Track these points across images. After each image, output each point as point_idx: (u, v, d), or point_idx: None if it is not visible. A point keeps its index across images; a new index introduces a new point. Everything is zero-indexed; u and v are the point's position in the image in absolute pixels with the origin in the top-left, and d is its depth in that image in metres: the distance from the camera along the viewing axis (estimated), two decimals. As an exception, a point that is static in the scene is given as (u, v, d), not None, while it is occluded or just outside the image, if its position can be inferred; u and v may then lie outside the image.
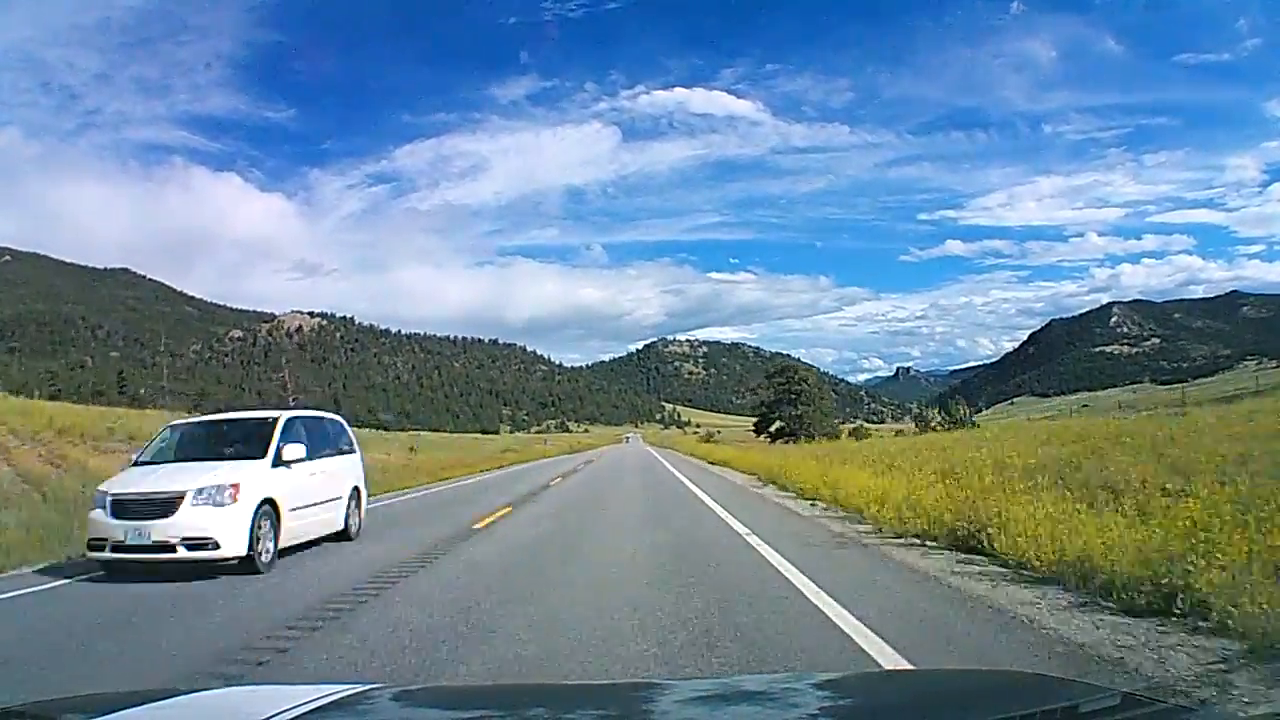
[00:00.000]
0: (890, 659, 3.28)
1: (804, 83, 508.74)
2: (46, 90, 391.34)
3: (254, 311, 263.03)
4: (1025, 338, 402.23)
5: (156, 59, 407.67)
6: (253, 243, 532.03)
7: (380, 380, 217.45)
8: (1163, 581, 3.59)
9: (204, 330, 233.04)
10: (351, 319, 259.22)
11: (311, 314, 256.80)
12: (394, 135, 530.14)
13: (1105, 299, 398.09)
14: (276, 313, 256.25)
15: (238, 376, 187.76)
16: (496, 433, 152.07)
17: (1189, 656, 3.01)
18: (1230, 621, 3.08)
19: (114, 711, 1.21)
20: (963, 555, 5.76)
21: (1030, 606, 4.11)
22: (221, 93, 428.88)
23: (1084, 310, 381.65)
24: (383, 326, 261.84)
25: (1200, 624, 3.33)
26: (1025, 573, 4.86)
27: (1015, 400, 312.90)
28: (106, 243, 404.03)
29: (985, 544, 5.56)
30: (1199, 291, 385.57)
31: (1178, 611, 3.44)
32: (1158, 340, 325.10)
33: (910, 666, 3.09)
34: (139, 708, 1.29)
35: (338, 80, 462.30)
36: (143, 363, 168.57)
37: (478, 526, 9.27)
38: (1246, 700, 2.32)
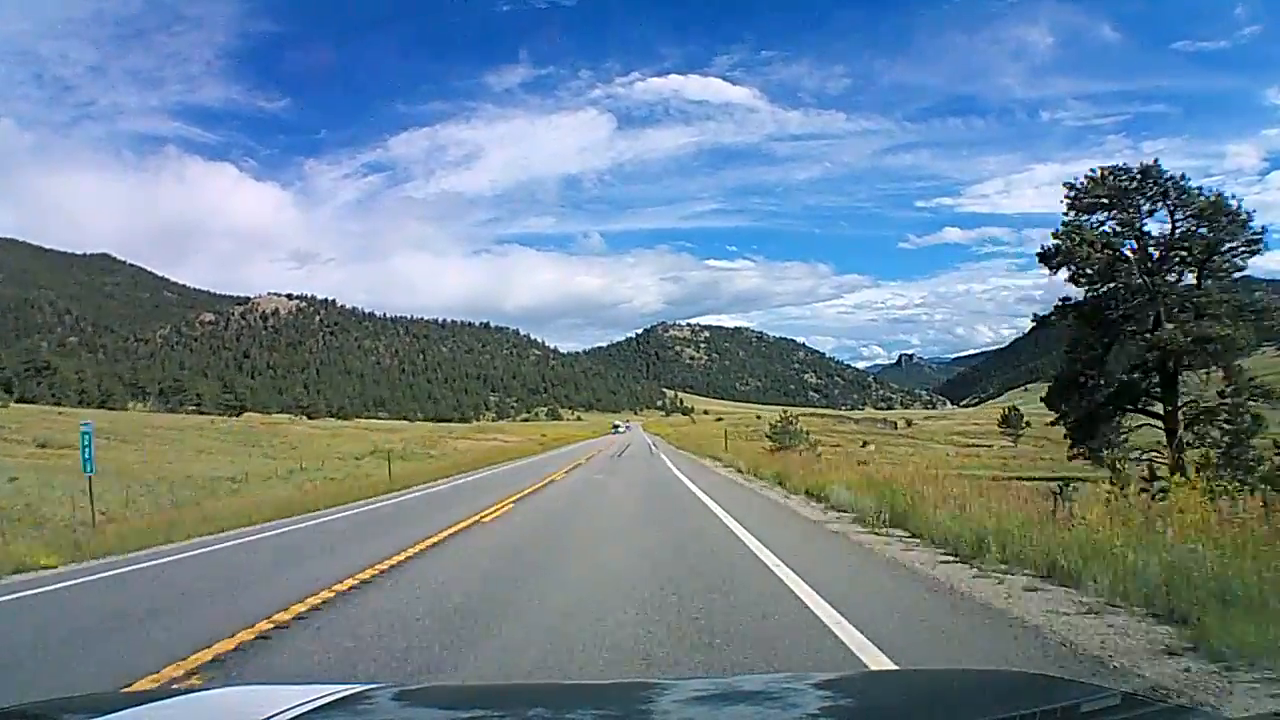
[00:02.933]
0: None
1: (800, 69, 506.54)
2: (40, 82, 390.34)
3: (236, 297, 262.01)
4: (1035, 322, 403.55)
5: (150, 50, 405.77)
6: (248, 231, 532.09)
7: (359, 365, 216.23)
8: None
9: (180, 316, 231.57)
10: (333, 301, 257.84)
11: (290, 296, 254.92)
12: (389, 124, 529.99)
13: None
14: (251, 295, 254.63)
15: (204, 361, 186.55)
16: (473, 419, 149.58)
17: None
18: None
19: (114, 711, 1.26)
20: None
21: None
22: (215, 83, 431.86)
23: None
24: (367, 310, 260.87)
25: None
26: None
27: (1029, 387, 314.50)
28: (99, 232, 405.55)
29: None
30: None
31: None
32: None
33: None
34: (139, 708, 1.35)
35: (331, 70, 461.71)
36: (104, 348, 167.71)
37: None
38: (1245, 698, 2.38)
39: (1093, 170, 21.64)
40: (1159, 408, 20.97)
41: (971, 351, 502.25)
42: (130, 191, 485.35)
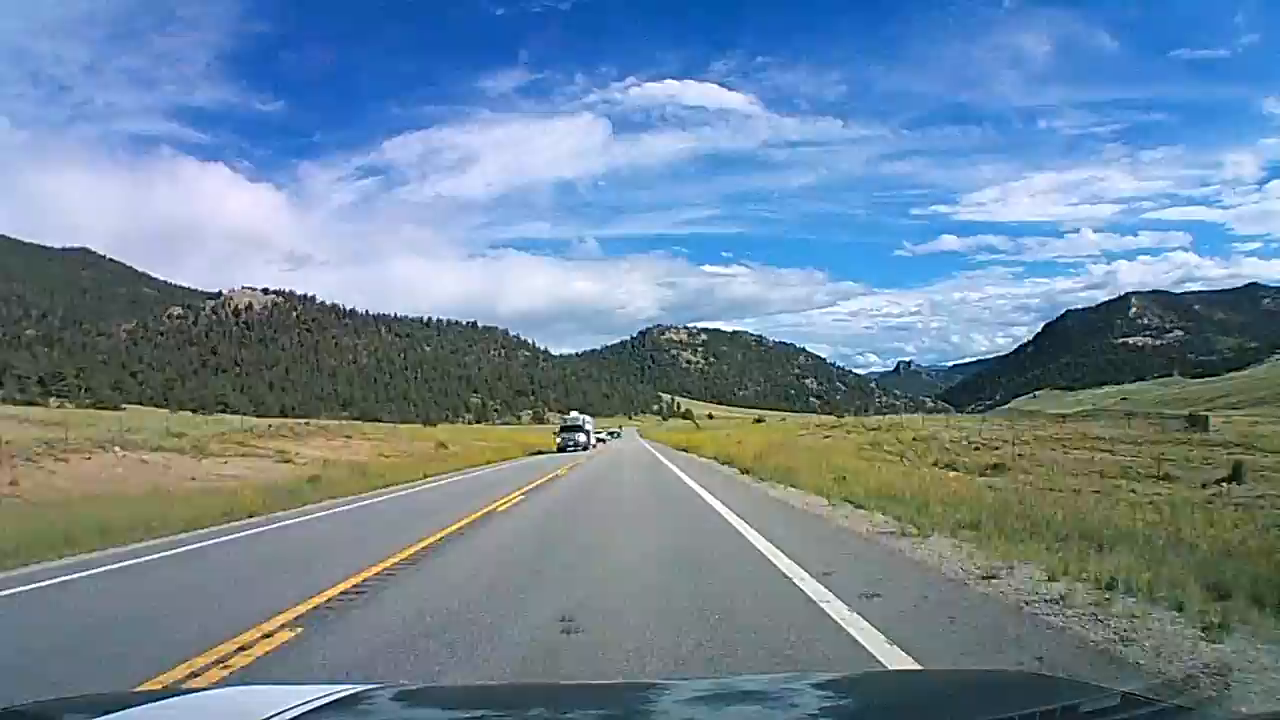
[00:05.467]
0: None
1: (796, 76, 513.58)
2: (35, 81, 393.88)
3: (210, 292, 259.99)
4: (1039, 329, 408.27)
5: (144, 51, 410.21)
6: (242, 233, 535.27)
7: (333, 363, 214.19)
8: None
9: (149, 311, 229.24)
10: (311, 297, 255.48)
11: (265, 291, 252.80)
12: (383, 128, 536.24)
13: (1102, 296, 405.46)
14: (224, 290, 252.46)
15: (167, 356, 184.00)
16: (448, 422, 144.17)
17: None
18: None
19: (114, 711, 1.31)
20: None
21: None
22: (210, 84, 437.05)
23: (1100, 301, 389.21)
24: (347, 307, 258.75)
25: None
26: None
27: (1038, 394, 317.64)
28: (91, 232, 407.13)
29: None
30: (1196, 289, 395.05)
31: None
32: (1180, 332, 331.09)
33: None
34: (139, 708, 1.39)
35: (326, 73, 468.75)
36: (60, 342, 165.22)
37: None
38: (1246, 698, 2.48)
39: None
40: None
41: (969, 359, 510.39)
42: (123, 191, 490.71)
